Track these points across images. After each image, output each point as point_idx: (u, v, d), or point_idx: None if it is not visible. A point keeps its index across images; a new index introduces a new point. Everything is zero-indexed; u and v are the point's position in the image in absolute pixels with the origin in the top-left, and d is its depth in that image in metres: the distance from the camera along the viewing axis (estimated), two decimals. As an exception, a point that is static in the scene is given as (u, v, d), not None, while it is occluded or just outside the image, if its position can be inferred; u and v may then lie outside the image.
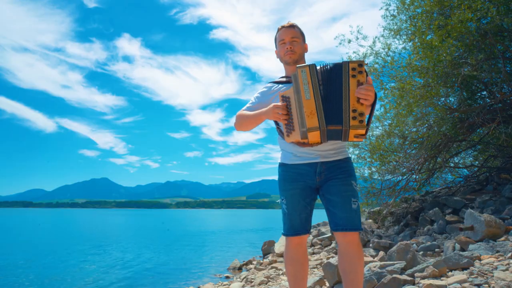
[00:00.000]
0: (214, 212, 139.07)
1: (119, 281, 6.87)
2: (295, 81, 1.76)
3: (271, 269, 5.79)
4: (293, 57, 2.03)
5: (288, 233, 2.01)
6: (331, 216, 1.92)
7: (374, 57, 6.16)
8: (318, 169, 1.94)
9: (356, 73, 1.71)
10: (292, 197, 1.99)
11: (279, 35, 2.08)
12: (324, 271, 3.62)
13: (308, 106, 1.71)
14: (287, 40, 2.03)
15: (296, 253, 2.02)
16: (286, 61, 2.05)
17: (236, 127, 2.14)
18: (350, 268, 1.86)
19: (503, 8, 5.14)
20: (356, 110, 1.69)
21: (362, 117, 1.69)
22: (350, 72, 1.71)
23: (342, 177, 1.93)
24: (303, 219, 1.99)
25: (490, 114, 5.83)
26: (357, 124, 1.69)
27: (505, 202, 5.32)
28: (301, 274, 2.03)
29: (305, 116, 1.71)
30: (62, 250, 11.90)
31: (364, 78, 1.71)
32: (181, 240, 16.07)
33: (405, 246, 3.43)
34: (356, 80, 1.70)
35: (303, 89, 1.73)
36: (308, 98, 1.71)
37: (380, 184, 6.97)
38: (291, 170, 2.00)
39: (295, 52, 2.03)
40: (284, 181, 2.03)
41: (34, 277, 7.35)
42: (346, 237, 1.87)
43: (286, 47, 2.03)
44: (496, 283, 2.47)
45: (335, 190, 1.91)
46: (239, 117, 2.11)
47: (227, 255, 10.32)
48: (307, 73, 1.72)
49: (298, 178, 1.98)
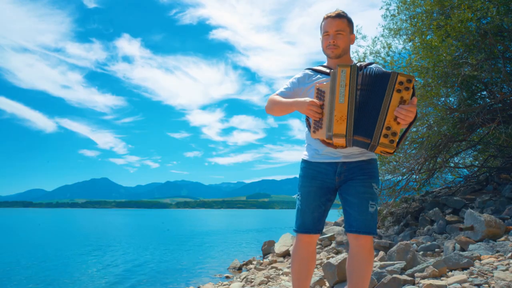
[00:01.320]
0: (214, 212, 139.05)
1: (119, 281, 6.86)
2: (332, 79, 1.68)
3: (271, 269, 5.79)
4: (335, 52, 1.92)
5: (299, 230, 1.98)
6: (346, 217, 1.89)
7: (374, 56, 6.16)
8: (339, 169, 1.90)
9: (403, 88, 1.59)
10: (307, 194, 1.96)
11: (324, 25, 1.94)
12: (324, 271, 3.62)
13: (339, 110, 1.63)
14: (331, 33, 1.90)
15: (304, 252, 1.99)
16: (328, 55, 1.96)
17: (267, 110, 2.08)
18: (358, 272, 1.84)
19: (503, 8, 5.13)
20: (390, 128, 1.59)
21: (394, 137, 1.60)
22: (396, 85, 1.59)
23: (363, 178, 1.88)
24: (315, 218, 1.96)
25: (490, 114, 5.83)
26: (387, 143, 1.60)
27: (505, 202, 5.32)
28: (305, 273, 2.01)
29: (333, 120, 1.64)
30: (62, 250, 11.90)
31: (409, 96, 1.60)
32: (181, 240, 16.06)
33: (405, 246, 3.43)
34: (400, 96, 1.59)
35: (339, 91, 1.64)
36: (342, 102, 1.63)
37: (380, 184, 6.97)
38: (311, 167, 1.97)
39: (339, 46, 1.91)
40: (303, 178, 2.00)
41: (35, 277, 7.35)
42: (359, 240, 1.83)
43: (329, 41, 1.91)
44: (496, 283, 2.47)
45: (354, 191, 1.87)
46: (271, 101, 2.05)
47: (227, 255, 10.31)
48: (346, 75, 1.63)
49: (317, 176, 1.95)
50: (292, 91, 2.03)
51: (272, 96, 2.07)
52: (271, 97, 2.07)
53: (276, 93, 2.07)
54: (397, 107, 1.59)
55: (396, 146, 1.62)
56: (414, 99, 1.62)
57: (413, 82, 1.60)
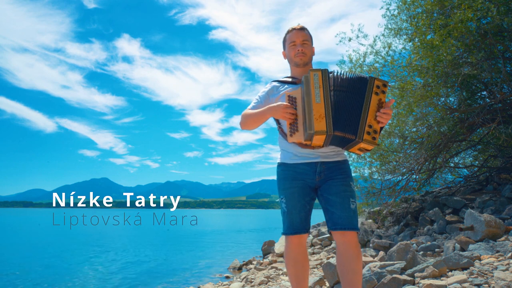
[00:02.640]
0: (214, 212, 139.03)
1: (119, 281, 6.86)
2: (306, 83, 1.78)
3: (271, 269, 5.79)
4: (303, 59, 2.06)
5: (288, 232, 2.02)
6: (329, 216, 1.93)
7: (375, 56, 6.16)
8: (318, 168, 1.96)
9: (380, 91, 1.77)
10: (292, 195, 2.00)
11: (290, 36, 2.09)
12: (324, 271, 3.62)
13: (317, 110, 1.73)
14: (298, 42, 2.06)
15: (296, 254, 2.03)
16: (296, 62, 2.07)
17: (242, 126, 2.12)
18: (349, 268, 1.87)
19: (503, 8, 5.13)
20: (372, 126, 1.74)
21: (376, 134, 1.74)
22: (374, 88, 1.76)
23: (342, 177, 1.96)
24: (302, 217, 2.00)
25: (490, 114, 5.83)
26: (370, 139, 1.73)
27: (505, 202, 5.32)
28: (302, 274, 2.04)
29: (313, 119, 1.72)
30: (62, 251, 11.90)
31: (385, 98, 1.78)
32: (181, 240, 16.06)
33: (405, 246, 3.43)
34: (378, 98, 1.76)
35: (314, 93, 1.74)
36: (318, 101, 1.73)
37: (380, 184, 6.97)
38: (290, 169, 2.01)
39: (306, 54, 2.06)
40: (284, 180, 2.04)
41: (34, 277, 7.34)
42: (345, 237, 1.88)
43: (297, 49, 2.05)
44: (496, 283, 2.47)
45: (335, 190, 1.93)
46: (244, 116, 2.10)
47: (227, 255, 10.31)
48: (319, 77, 1.76)
49: (297, 177, 1.99)
50: (263, 104, 2.09)
51: (244, 111, 2.12)
52: (244, 112, 2.12)
53: (248, 108, 2.12)
54: (375, 107, 1.75)
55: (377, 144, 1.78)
56: (390, 101, 1.79)
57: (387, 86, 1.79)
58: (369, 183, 6.97)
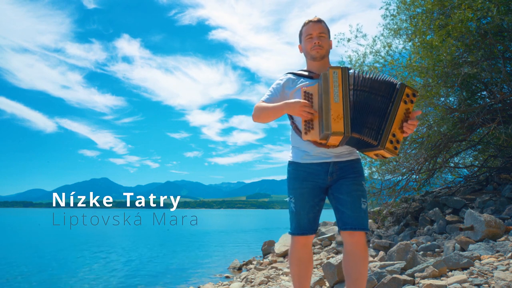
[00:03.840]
0: (214, 212, 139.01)
1: (119, 281, 6.86)
2: (325, 81, 1.72)
3: (271, 269, 5.79)
4: (320, 52, 1.99)
5: (295, 232, 1.99)
6: (340, 215, 1.91)
7: (374, 56, 6.16)
8: (331, 169, 1.92)
9: (409, 100, 1.72)
10: (301, 196, 1.96)
11: (306, 29, 2.03)
12: (324, 271, 3.62)
13: (335, 110, 1.67)
14: (315, 35, 1.99)
15: (302, 254, 2.01)
16: (313, 55, 2.00)
17: (254, 119, 2.04)
18: (355, 269, 1.85)
19: (503, 8, 5.13)
20: (395, 135, 1.70)
21: (398, 144, 1.70)
22: (403, 96, 1.70)
23: (354, 176, 1.92)
24: (310, 218, 1.97)
25: (490, 114, 5.83)
26: (392, 149, 1.69)
27: (505, 202, 5.31)
28: (305, 274, 2.03)
29: (331, 119, 1.67)
30: (62, 251, 11.90)
31: (412, 108, 1.73)
32: (181, 240, 16.06)
33: (405, 246, 3.43)
34: (406, 107, 1.71)
35: (333, 91, 1.69)
36: (337, 101, 1.68)
37: (380, 184, 6.97)
38: (302, 169, 1.97)
39: (323, 47, 1.99)
40: (294, 180, 1.99)
41: (34, 277, 7.34)
42: (353, 237, 1.85)
43: (314, 42, 1.99)
44: (496, 283, 2.47)
45: (346, 189, 1.90)
46: (258, 109, 2.02)
47: (227, 255, 10.31)
48: (338, 75, 1.70)
49: (308, 177, 1.95)
50: (278, 97, 2.02)
51: (258, 103, 2.05)
52: (258, 104, 2.04)
53: (261, 100, 2.05)
54: (402, 116, 1.70)
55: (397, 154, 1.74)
56: (417, 112, 1.75)
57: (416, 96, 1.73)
58: (369, 183, 6.97)
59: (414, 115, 1.74)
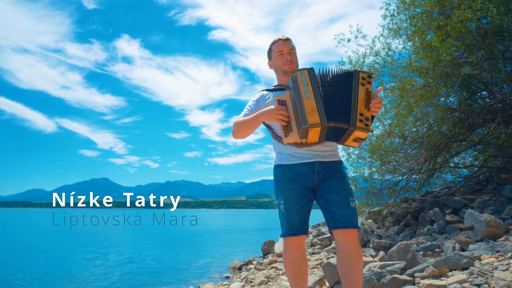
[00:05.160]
0: (214, 212, 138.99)
1: (119, 281, 6.87)
2: (294, 83, 1.84)
3: (271, 269, 5.79)
4: (292, 67, 2.13)
5: (287, 233, 2.01)
6: (330, 215, 1.93)
7: (374, 56, 6.15)
8: (316, 168, 1.97)
9: (366, 82, 1.86)
10: (290, 196, 2.00)
11: (276, 46, 2.17)
12: (324, 271, 3.62)
13: (309, 104, 1.78)
14: (286, 51, 2.14)
15: (295, 256, 2.03)
16: (285, 70, 2.14)
17: (234, 135, 2.13)
18: (350, 267, 1.87)
19: (503, 8, 5.13)
20: (363, 114, 1.81)
21: (368, 121, 1.80)
22: (360, 80, 1.85)
23: (340, 177, 1.98)
24: (301, 219, 2.00)
25: (490, 114, 5.83)
26: (363, 126, 1.78)
27: (505, 202, 5.32)
28: (301, 275, 2.04)
29: (306, 113, 1.76)
30: (62, 251, 11.90)
31: (371, 88, 1.86)
32: (181, 240, 16.06)
33: (405, 246, 3.43)
34: (365, 88, 1.84)
35: (303, 90, 1.81)
36: (309, 97, 1.79)
37: (380, 184, 6.97)
38: (288, 170, 2.02)
39: (294, 62, 2.14)
40: (281, 181, 2.04)
41: (34, 277, 7.34)
42: (347, 236, 1.88)
43: (285, 58, 2.13)
44: (496, 283, 2.47)
45: (334, 189, 1.94)
46: (236, 124, 2.11)
47: (227, 255, 10.31)
48: (306, 75, 1.83)
49: (295, 178, 2.00)
50: (254, 112, 2.11)
51: (236, 120, 2.14)
52: (235, 121, 2.14)
53: (239, 117, 2.14)
54: (364, 97, 1.83)
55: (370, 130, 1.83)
56: (378, 90, 1.87)
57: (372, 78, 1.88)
58: (369, 183, 6.97)
59: (376, 94, 1.85)
